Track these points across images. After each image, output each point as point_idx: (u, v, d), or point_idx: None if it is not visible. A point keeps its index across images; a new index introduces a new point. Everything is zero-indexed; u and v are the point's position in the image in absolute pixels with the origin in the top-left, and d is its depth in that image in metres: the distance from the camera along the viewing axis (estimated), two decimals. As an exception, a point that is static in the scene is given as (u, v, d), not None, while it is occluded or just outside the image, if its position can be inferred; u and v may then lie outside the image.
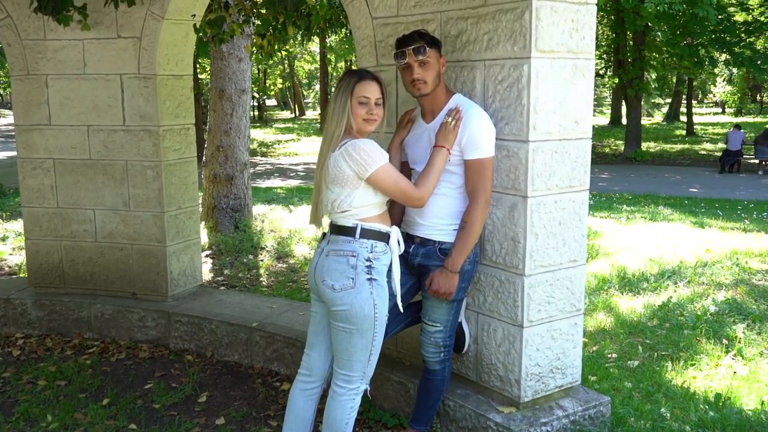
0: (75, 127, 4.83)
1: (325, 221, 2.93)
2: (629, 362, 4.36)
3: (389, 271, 2.85)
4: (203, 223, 8.49)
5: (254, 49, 7.20)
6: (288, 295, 5.79)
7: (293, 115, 48.55)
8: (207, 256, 7.44)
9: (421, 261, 2.98)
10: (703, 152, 24.11)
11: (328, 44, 27.54)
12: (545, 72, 2.86)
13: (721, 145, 24.98)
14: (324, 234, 2.93)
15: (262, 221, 9.15)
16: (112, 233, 4.88)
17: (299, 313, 4.54)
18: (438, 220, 2.95)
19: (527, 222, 2.93)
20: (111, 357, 4.53)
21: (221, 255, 7.48)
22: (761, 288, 5.94)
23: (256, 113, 44.01)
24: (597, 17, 3.11)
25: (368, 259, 2.74)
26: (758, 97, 47.23)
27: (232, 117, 8.45)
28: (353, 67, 3.98)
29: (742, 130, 19.23)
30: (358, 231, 2.75)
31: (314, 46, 33.88)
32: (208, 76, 22.07)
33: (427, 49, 2.84)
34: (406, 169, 3.13)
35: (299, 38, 10.36)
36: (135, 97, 4.68)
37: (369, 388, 2.89)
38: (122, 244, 4.88)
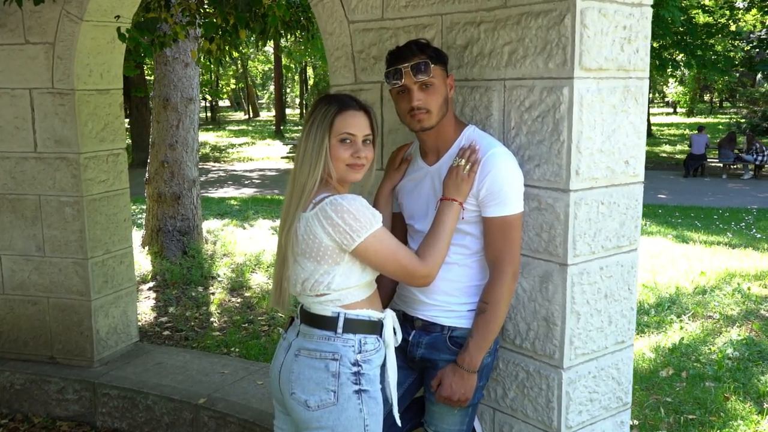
0: (-26, 154, 3.91)
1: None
2: (655, 433, 3.67)
3: (382, 369, 2.06)
4: (146, 248, 7.56)
5: (201, 53, 6.34)
6: (243, 344, 4.94)
7: (247, 117, 47.22)
8: (150, 289, 6.53)
9: (424, 354, 2.19)
10: (664, 155, 23.92)
11: (282, 45, 26.49)
12: (591, 97, 2.11)
13: (680, 148, 24.89)
14: (292, 319, 2.13)
15: (214, 243, 8.23)
16: (24, 284, 3.96)
17: (257, 382, 3.70)
18: (447, 298, 2.16)
19: (567, 297, 2.17)
20: (21, 442, 3.64)
21: (166, 288, 6.56)
22: (775, 323, 5.35)
23: (209, 115, 42.61)
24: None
25: (356, 363, 1.95)
26: (706, 97, 47.86)
27: (178, 129, 7.52)
28: (309, 69, 3.10)
29: (705, 133, 19.00)
30: (341, 323, 1.96)
31: (268, 45, 32.78)
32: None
33: (431, 65, 2.05)
34: (399, 222, 2.35)
35: (253, 42, 9.47)
36: (49, 117, 3.77)
37: None
38: (36, 298, 3.96)
